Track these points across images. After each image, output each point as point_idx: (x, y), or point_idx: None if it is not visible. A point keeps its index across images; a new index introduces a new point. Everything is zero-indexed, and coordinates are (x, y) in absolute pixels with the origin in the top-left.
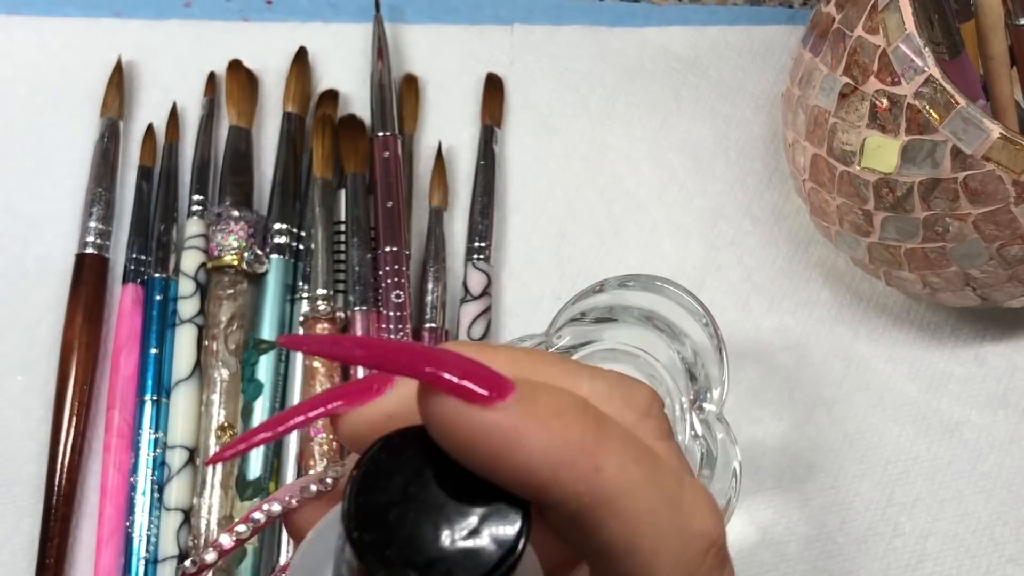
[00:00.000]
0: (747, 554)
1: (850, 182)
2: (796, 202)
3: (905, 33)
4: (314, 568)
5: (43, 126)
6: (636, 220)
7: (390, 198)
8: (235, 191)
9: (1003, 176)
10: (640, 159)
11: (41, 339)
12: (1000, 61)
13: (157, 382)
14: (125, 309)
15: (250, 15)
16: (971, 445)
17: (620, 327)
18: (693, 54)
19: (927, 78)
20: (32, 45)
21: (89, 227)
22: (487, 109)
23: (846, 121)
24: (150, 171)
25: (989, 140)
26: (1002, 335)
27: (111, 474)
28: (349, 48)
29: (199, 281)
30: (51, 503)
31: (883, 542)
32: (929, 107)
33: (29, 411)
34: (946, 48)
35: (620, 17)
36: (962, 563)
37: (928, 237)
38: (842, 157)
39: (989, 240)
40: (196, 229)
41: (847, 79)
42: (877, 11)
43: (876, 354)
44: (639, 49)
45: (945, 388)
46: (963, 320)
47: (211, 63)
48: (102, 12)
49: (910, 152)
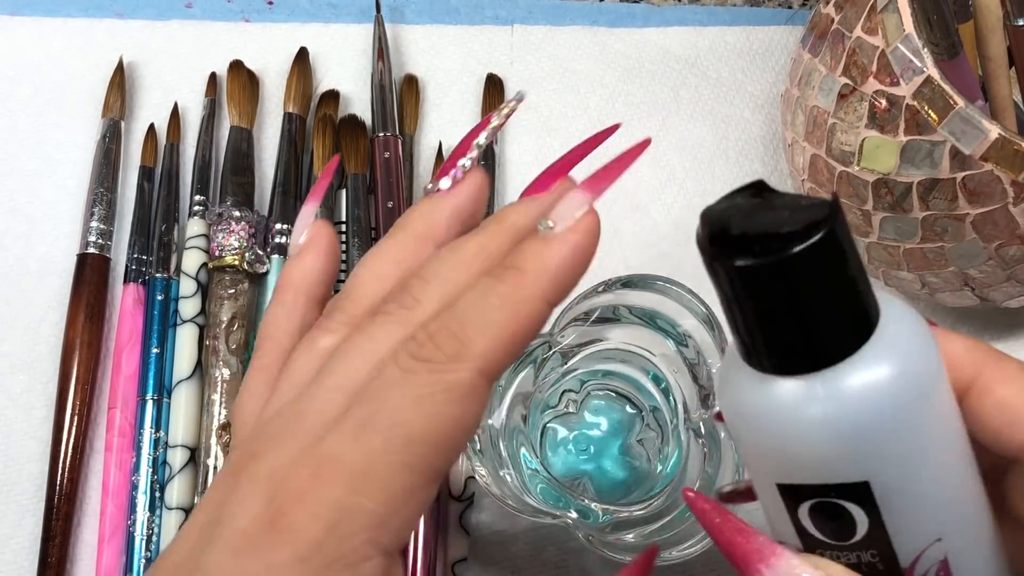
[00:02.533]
0: None
1: (849, 182)
2: None
3: (904, 34)
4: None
5: (45, 126)
6: (636, 220)
7: (391, 198)
8: (236, 191)
9: (1001, 176)
10: (640, 159)
11: (43, 339)
12: (998, 62)
13: (158, 381)
14: (127, 309)
15: (251, 16)
16: None
17: (623, 327)
18: (693, 55)
19: (926, 79)
20: (34, 46)
21: (91, 227)
22: (487, 109)
23: (845, 121)
24: (152, 171)
25: (987, 141)
26: (1001, 335)
27: (113, 473)
28: (350, 49)
29: (200, 281)
30: (53, 502)
31: None
32: (928, 108)
33: (31, 410)
34: (944, 49)
35: (620, 18)
36: None
37: (927, 237)
38: (841, 157)
39: (987, 240)
40: (197, 229)
41: (846, 80)
42: (876, 12)
43: None
44: (639, 50)
45: None
46: (961, 320)
47: (212, 63)
48: (104, 13)
49: (909, 152)
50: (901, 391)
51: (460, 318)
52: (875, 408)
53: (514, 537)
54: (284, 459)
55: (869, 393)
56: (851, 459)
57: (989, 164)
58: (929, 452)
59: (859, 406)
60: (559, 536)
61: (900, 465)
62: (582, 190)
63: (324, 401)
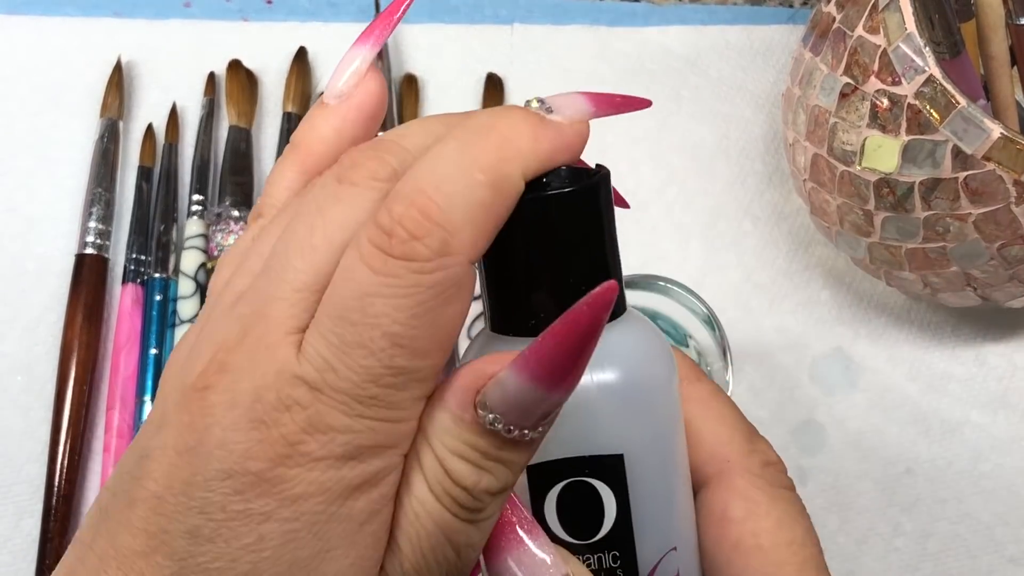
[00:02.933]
0: None
1: (851, 182)
2: (796, 202)
3: (906, 33)
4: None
5: (43, 126)
6: (636, 220)
7: None
8: (235, 191)
9: (1004, 176)
10: (640, 159)
11: (41, 339)
12: (1001, 61)
13: (157, 382)
14: (125, 309)
15: (250, 15)
16: (971, 445)
17: None
18: (693, 54)
19: (927, 78)
20: (32, 45)
21: (89, 227)
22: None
23: (847, 121)
24: (150, 171)
25: (990, 140)
26: (1003, 335)
27: (111, 474)
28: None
29: (199, 281)
30: (51, 503)
31: (883, 542)
32: (929, 107)
33: (29, 411)
34: (946, 48)
35: (620, 17)
36: (963, 563)
37: (929, 237)
38: (843, 157)
39: (990, 240)
40: (196, 229)
41: (847, 79)
42: (877, 11)
43: (876, 354)
44: (639, 49)
45: (945, 388)
46: (964, 320)
47: (211, 63)
48: (102, 12)
49: (911, 152)
50: (645, 368)
51: (436, 193)
52: (625, 375)
53: None
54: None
55: (618, 360)
56: (606, 428)
57: (991, 164)
58: (672, 444)
59: (612, 371)
60: None
61: (649, 445)
62: (587, 99)
63: (286, 304)
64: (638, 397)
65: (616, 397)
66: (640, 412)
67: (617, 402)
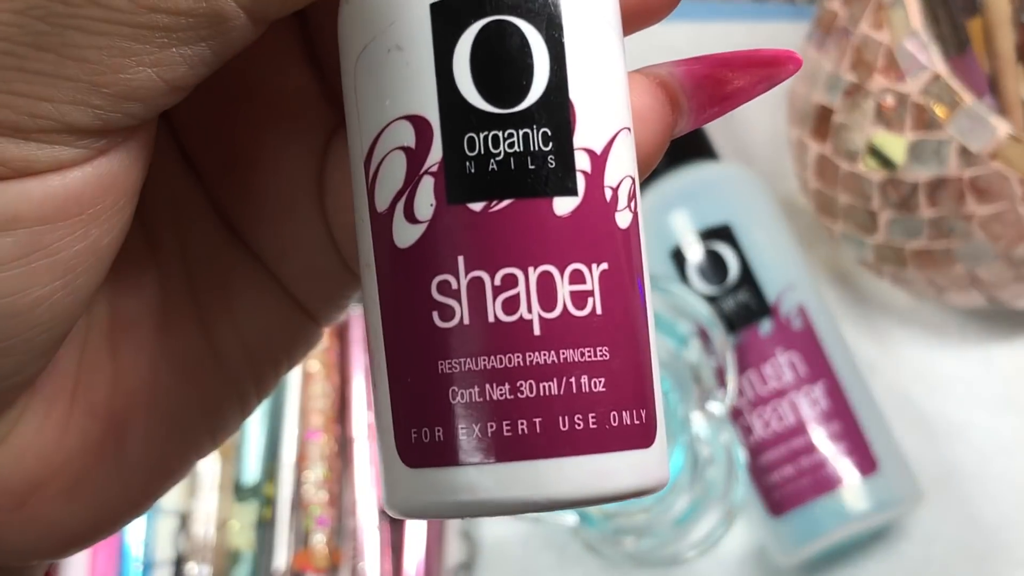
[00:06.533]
0: (750, 556)
1: (855, 181)
2: (801, 201)
3: (910, 30)
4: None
5: None
6: None
7: None
8: None
9: (1010, 175)
10: None
11: None
12: (1007, 58)
13: None
14: None
15: None
16: (977, 447)
17: None
18: (697, 51)
19: (933, 75)
20: None
21: None
22: None
23: (851, 119)
24: None
25: (996, 138)
26: (1009, 336)
27: None
28: None
29: None
30: None
31: (888, 546)
32: (935, 105)
33: None
34: (952, 45)
35: None
36: (969, 567)
37: (934, 237)
38: (847, 155)
39: (995, 240)
40: None
41: (852, 76)
42: (882, 7)
43: (881, 354)
44: (642, 46)
45: (951, 389)
46: (969, 321)
47: None
48: None
49: (916, 150)
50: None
51: None
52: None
53: (514, 542)
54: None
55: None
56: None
57: (997, 162)
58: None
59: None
60: (559, 541)
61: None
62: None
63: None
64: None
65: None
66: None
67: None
